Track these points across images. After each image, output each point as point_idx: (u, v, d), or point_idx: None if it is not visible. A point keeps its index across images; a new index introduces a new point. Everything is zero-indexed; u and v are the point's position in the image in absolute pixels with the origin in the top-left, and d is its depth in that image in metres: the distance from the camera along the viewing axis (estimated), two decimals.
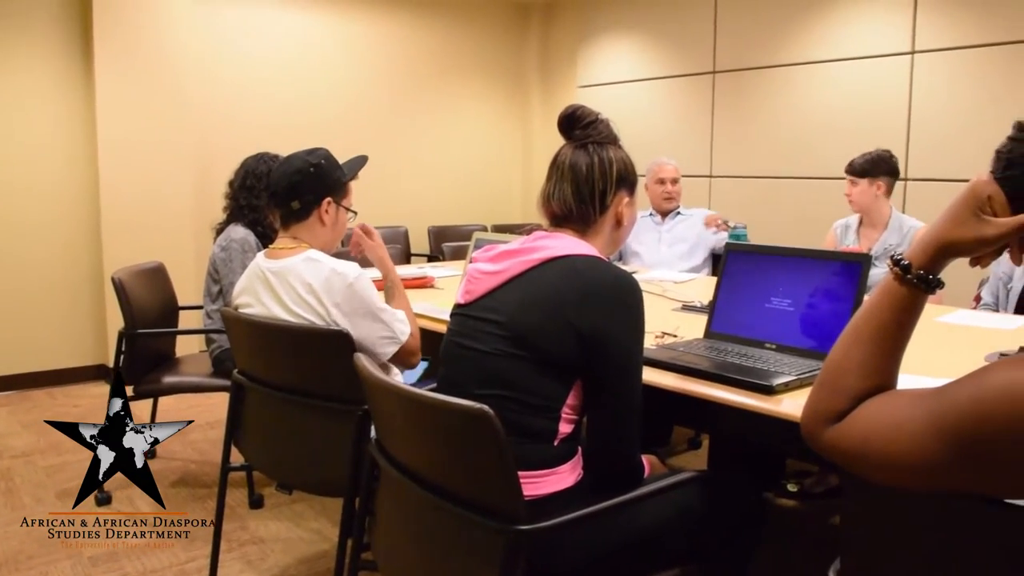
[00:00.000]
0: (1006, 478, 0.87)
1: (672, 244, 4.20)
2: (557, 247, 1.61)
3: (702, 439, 3.71)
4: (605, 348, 1.53)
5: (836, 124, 5.36)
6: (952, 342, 2.37)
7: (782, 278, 2.03)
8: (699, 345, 2.07)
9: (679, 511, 1.69)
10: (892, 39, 5.13)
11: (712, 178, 6.13)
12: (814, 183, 5.44)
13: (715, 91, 6.11)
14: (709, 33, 6.11)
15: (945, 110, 4.85)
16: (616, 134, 1.76)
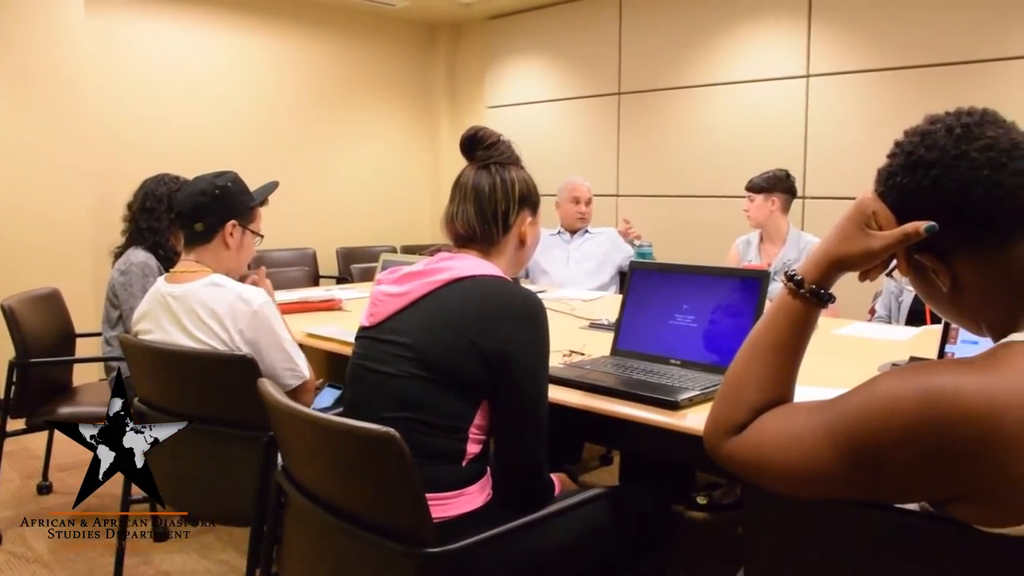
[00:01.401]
0: (895, 485, 0.91)
1: (580, 262, 4.25)
2: (461, 268, 1.62)
3: (613, 455, 3.75)
4: (510, 368, 1.54)
5: (737, 144, 5.53)
6: (848, 353, 2.46)
7: (685, 295, 2.07)
8: (605, 362, 2.10)
9: (590, 528, 1.70)
10: (788, 63, 5.33)
11: (619, 197, 6.24)
12: (718, 201, 5.59)
13: (621, 112, 6.23)
14: (614, 55, 6.23)
15: (839, 131, 5.05)
16: (518, 155, 1.78)
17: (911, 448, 0.87)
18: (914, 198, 0.99)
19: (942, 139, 0.96)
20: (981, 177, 0.93)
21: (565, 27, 6.58)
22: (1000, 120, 0.98)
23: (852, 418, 0.92)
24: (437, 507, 1.49)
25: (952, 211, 0.96)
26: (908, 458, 0.88)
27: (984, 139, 0.94)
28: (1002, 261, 0.97)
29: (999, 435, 0.83)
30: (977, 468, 0.85)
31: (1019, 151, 0.94)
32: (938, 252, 1.00)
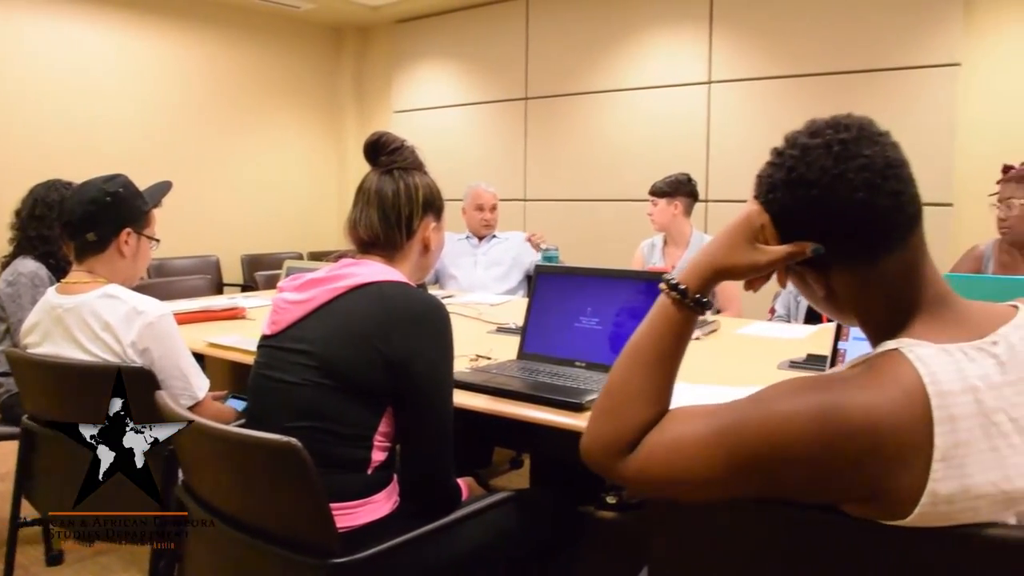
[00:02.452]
0: (789, 491, 0.95)
1: (488, 267, 4.26)
2: (364, 274, 1.60)
3: (523, 458, 3.77)
4: (414, 374, 1.53)
5: (642, 148, 5.64)
6: (750, 353, 2.53)
7: (590, 298, 2.10)
8: (512, 366, 2.11)
9: (497, 531, 1.70)
10: (691, 69, 5.46)
11: (526, 201, 6.29)
12: (623, 205, 5.68)
13: (528, 116, 6.28)
14: (521, 60, 6.28)
15: (739, 136, 5.20)
16: (421, 160, 1.77)
17: (805, 462, 0.91)
18: (794, 214, 1.02)
19: (821, 157, 0.99)
20: (857, 199, 0.96)
21: (473, 31, 6.60)
22: (875, 134, 1.00)
23: (749, 434, 0.95)
24: (342, 516, 1.48)
25: (830, 229, 1.00)
26: (801, 470, 0.92)
27: (861, 158, 0.97)
28: (875, 275, 1.01)
29: (880, 445, 0.88)
30: (861, 477, 0.89)
31: (892, 170, 0.98)
32: (816, 265, 1.04)
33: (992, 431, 0.89)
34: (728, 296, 3.65)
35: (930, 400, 0.88)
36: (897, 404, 0.88)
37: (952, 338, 0.95)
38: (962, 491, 0.87)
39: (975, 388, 0.90)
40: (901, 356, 0.93)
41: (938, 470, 0.87)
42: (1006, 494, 0.89)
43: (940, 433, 0.87)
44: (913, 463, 0.87)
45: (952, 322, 0.99)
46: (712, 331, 2.86)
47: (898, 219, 0.98)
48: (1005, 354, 0.94)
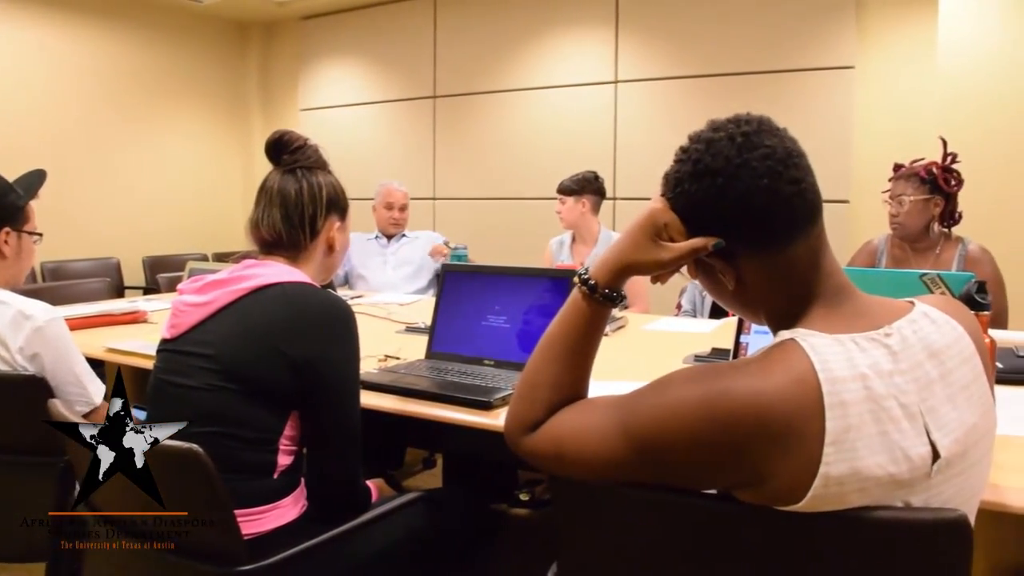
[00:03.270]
0: (681, 476, 0.98)
1: (398, 267, 4.23)
2: (267, 275, 1.57)
3: (436, 458, 3.76)
4: (319, 376, 1.51)
5: (550, 147, 5.69)
6: (657, 348, 2.58)
7: (497, 296, 2.11)
8: (420, 366, 2.10)
9: (409, 532, 1.69)
10: (598, 69, 5.54)
11: (436, 200, 6.27)
12: (532, 203, 5.72)
13: (436, 115, 6.26)
14: (429, 58, 6.26)
15: (645, 134, 5.30)
16: (325, 159, 1.75)
17: (693, 448, 0.94)
18: (702, 205, 1.05)
19: (726, 148, 1.02)
20: (761, 186, 1.00)
21: (380, 29, 6.55)
22: (775, 128, 1.05)
23: (643, 418, 0.98)
24: (248, 523, 1.45)
25: (736, 217, 1.03)
26: (691, 456, 0.95)
27: (763, 148, 1.01)
28: (781, 262, 1.04)
29: (765, 431, 0.91)
30: (750, 461, 0.92)
31: (793, 159, 1.02)
32: (724, 255, 1.07)
33: (882, 416, 0.93)
34: (635, 293, 3.71)
35: (821, 386, 0.92)
36: (786, 390, 0.92)
37: (848, 329, 0.99)
38: (852, 473, 0.91)
39: (864, 375, 0.94)
40: (795, 345, 0.97)
41: (830, 453, 0.90)
42: (893, 476, 0.93)
43: (831, 418, 0.91)
44: (804, 447, 0.91)
45: (849, 314, 1.03)
46: (620, 327, 2.91)
47: (800, 206, 1.02)
48: (898, 345, 0.98)
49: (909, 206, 2.95)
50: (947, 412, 0.98)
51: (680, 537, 1.04)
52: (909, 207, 2.95)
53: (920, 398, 0.96)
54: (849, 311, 1.04)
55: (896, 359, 0.97)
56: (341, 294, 3.70)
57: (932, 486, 0.96)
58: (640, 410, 0.98)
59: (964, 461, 0.99)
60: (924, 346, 1.00)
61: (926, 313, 1.05)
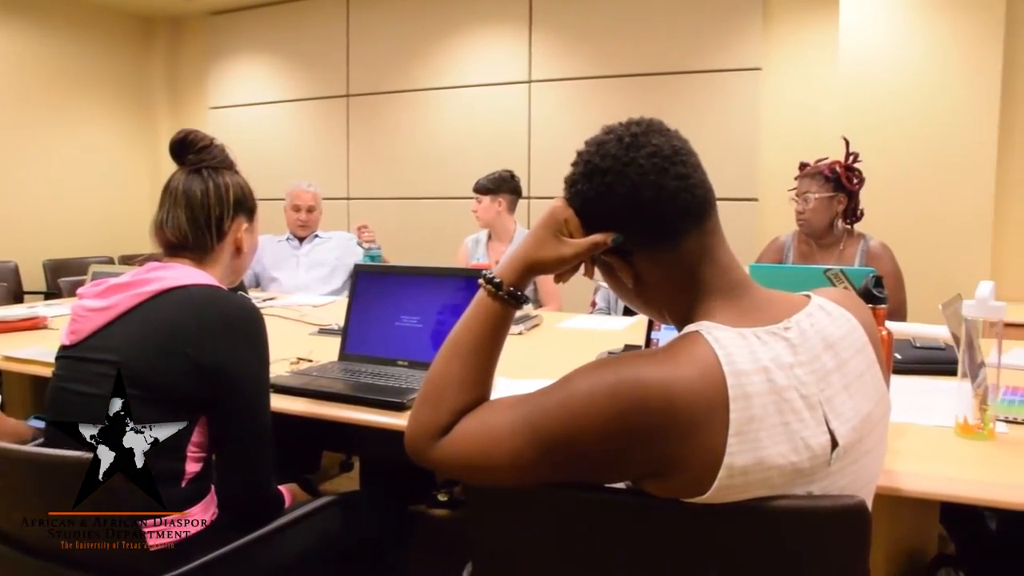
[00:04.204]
0: (591, 470, 0.99)
1: (311, 268, 4.17)
2: (172, 278, 1.53)
3: (353, 461, 3.72)
4: (228, 380, 1.48)
5: (465, 146, 5.69)
6: (571, 346, 2.60)
7: (410, 296, 2.10)
8: (333, 368, 2.08)
9: (324, 536, 1.67)
10: (512, 68, 5.56)
11: (350, 200, 6.20)
12: (448, 202, 5.71)
13: (350, 114, 6.20)
14: (342, 57, 6.18)
15: (560, 134, 5.34)
16: (232, 159, 1.72)
17: (602, 437, 0.94)
18: (593, 203, 1.08)
19: (614, 148, 1.06)
20: (648, 181, 1.03)
21: (291, 26, 6.44)
22: (664, 129, 1.08)
23: (551, 415, 0.98)
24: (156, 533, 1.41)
25: (626, 213, 1.05)
26: (600, 446, 0.95)
27: (649, 146, 1.04)
28: (675, 257, 1.07)
29: (673, 420, 0.92)
30: (658, 450, 0.94)
31: (679, 156, 1.05)
32: (621, 253, 1.09)
33: (784, 407, 0.96)
34: (549, 291, 3.74)
35: (726, 379, 0.94)
36: (693, 381, 0.93)
37: (748, 323, 1.02)
38: (756, 463, 0.93)
39: (766, 368, 0.97)
40: (700, 337, 0.99)
41: (733, 444, 0.93)
42: (794, 465, 0.96)
43: (735, 409, 0.93)
44: (710, 437, 0.93)
45: (749, 308, 1.06)
46: (534, 326, 2.93)
47: (689, 201, 1.05)
48: (797, 338, 1.02)
49: (814, 203, 3.04)
50: (844, 401, 1.02)
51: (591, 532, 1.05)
52: (814, 204, 3.04)
53: (819, 389, 1.00)
54: (749, 305, 1.06)
55: (795, 352, 1.00)
56: (253, 296, 3.64)
57: (832, 474, 0.99)
58: (548, 407, 0.99)
59: (861, 448, 1.03)
60: (821, 338, 1.03)
61: (822, 306, 1.09)
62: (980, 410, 1.60)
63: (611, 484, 1.02)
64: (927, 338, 2.33)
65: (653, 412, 0.92)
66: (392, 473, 2.88)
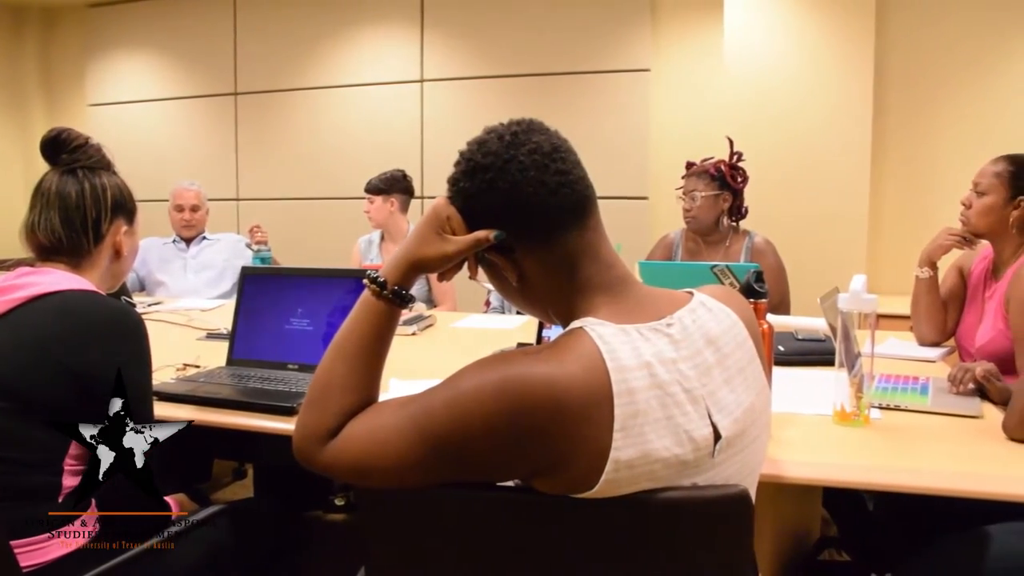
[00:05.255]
0: (480, 469, 0.99)
1: (199, 271, 4.05)
2: (46, 283, 1.46)
3: (247, 468, 3.63)
4: (106, 389, 1.42)
5: (358, 146, 5.61)
6: (465, 345, 2.60)
7: (299, 298, 2.06)
8: (221, 373, 2.02)
9: (214, 547, 1.63)
10: (404, 68, 5.51)
11: (239, 201, 6.04)
12: (340, 203, 5.63)
13: (238, 113, 6.03)
14: (229, 54, 6.01)
15: (452, 133, 5.30)
16: (110, 159, 1.65)
17: (489, 436, 0.94)
18: (475, 200, 1.08)
19: (495, 145, 1.07)
20: (529, 177, 1.04)
21: (176, 21, 6.22)
22: (544, 128, 1.10)
23: (438, 415, 0.98)
24: (29, 553, 1.34)
25: (508, 209, 1.06)
26: (487, 445, 0.95)
27: (530, 144, 1.06)
28: (557, 253, 1.08)
29: (559, 417, 0.93)
30: (545, 447, 0.94)
31: (559, 153, 1.07)
32: (504, 251, 1.10)
33: (667, 401, 0.98)
34: (443, 291, 3.74)
35: (610, 375, 0.95)
36: (578, 377, 0.94)
37: (632, 319, 1.04)
38: (642, 457, 0.95)
39: (649, 364, 0.98)
40: (584, 334, 1.00)
41: (619, 439, 0.94)
42: (678, 458, 0.98)
43: (619, 404, 0.95)
44: (596, 433, 0.94)
45: (633, 305, 1.08)
46: (428, 326, 2.92)
47: (568, 197, 1.06)
48: (679, 334, 1.04)
49: (701, 201, 3.13)
50: (726, 395, 1.05)
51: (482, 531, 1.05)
52: (701, 202, 3.13)
53: (701, 383, 1.02)
54: (632, 302, 1.08)
55: (678, 347, 1.02)
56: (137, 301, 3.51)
57: (715, 465, 1.02)
58: (435, 408, 0.98)
59: (743, 439, 1.06)
60: (702, 334, 1.06)
61: (703, 302, 1.11)
62: (856, 398, 1.67)
63: (500, 482, 1.02)
64: (808, 330, 2.43)
65: (539, 410, 0.93)
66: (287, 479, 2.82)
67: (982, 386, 1.89)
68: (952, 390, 1.92)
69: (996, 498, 1.40)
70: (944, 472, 1.46)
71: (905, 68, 4.49)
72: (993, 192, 2.31)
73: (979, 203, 2.34)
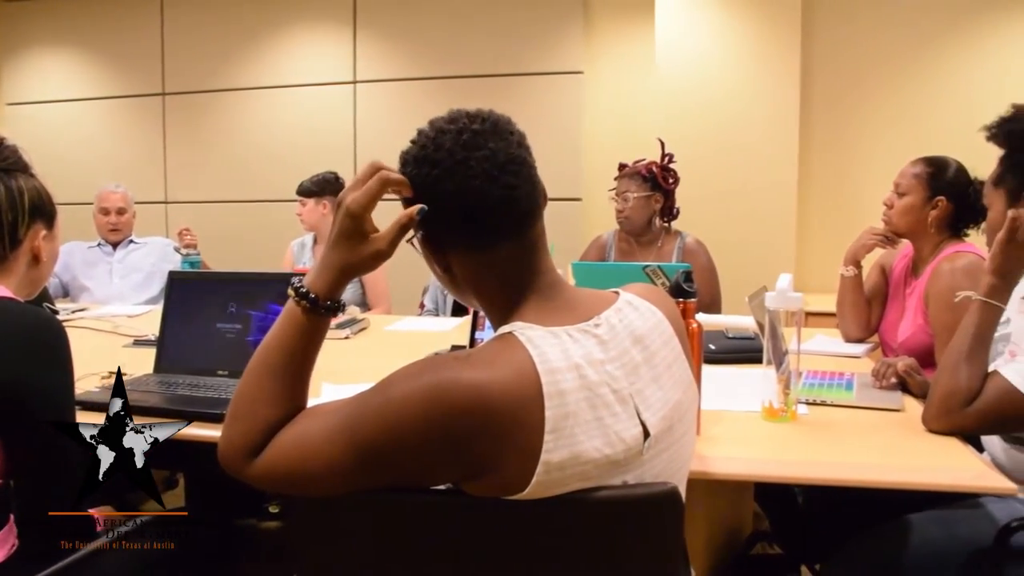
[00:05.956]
0: (413, 474, 0.98)
1: (125, 275, 3.95)
2: None
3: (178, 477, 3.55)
4: (23, 400, 1.36)
5: (290, 148, 5.54)
6: (399, 348, 2.59)
7: (229, 302, 2.02)
8: (148, 381, 1.98)
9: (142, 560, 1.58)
10: (336, 69, 5.47)
11: (168, 204, 5.91)
12: (272, 205, 5.55)
13: (166, 113, 5.90)
14: (156, 53, 5.88)
15: (386, 135, 5.30)
16: (27, 161, 1.59)
17: (421, 441, 0.94)
18: (417, 189, 1.06)
19: (450, 142, 1.03)
20: (474, 186, 1.02)
21: (99, 18, 6.05)
22: (507, 132, 1.06)
23: (368, 421, 0.97)
24: None
25: (445, 210, 1.04)
26: (419, 450, 0.95)
27: (485, 150, 1.02)
28: (488, 261, 1.07)
29: (490, 421, 0.93)
30: (477, 451, 0.94)
31: (512, 166, 1.04)
32: (435, 244, 1.09)
33: (597, 402, 0.99)
34: (377, 294, 3.71)
35: (540, 377, 0.95)
36: (508, 381, 0.94)
37: (561, 322, 1.04)
38: (572, 458, 0.96)
39: (579, 365, 0.99)
40: (514, 338, 1.00)
41: (549, 440, 0.94)
42: (609, 458, 0.98)
43: (550, 407, 0.95)
44: (526, 436, 0.94)
45: (562, 308, 1.08)
46: (362, 329, 2.89)
47: (510, 212, 1.05)
48: (607, 334, 1.05)
49: (633, 202, 3.16)
50: (653, 392, 1.06)
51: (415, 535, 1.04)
52: (633, 203, 3.16)
53: (629, 382, 1.03)
54: (561, 305, 1.08)
55: (606, 348, 1.03)
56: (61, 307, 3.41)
57: (645, 462, 1.03)
58: (364, 414, 0.97)
59: (671, 436, 1.08)
60: (629, 332, 1.07)
61: (629, 301, 1.12)
62: (784, 394, 1.71)
63: (432, 487, 1.01)
64: (739, 328, 2.47)
65: (470, 415, 0.92)
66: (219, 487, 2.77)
67: (904, 380, 1.95)
68: (875, 385, 1.98)
69: (917, 488, 1.45)
70: (868, 464, 1.50)
71: (831, 73, 4.62)
72: (913, 192, 2.38)
73: (900, 203, 2.41)
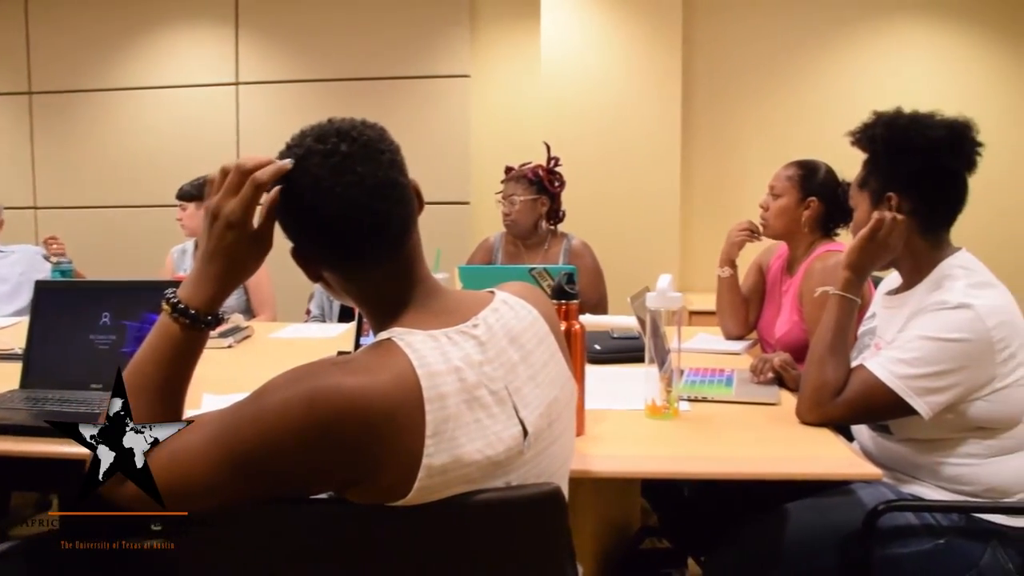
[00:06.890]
0: (292, 483, 0.97)
1: None
2: None
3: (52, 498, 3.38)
4: None
5: (170, 150, 5.37)
6: (284, 356, 2.53)
7: (102, 312, 1.93)
8: (13, 397, 1.87)
9: None
10: (218, 70, 5.34)
11: (37, 210, 5.62)
12: (150, 211, 5.36)
13: (33, 114, 5.62)
14: (21, 49, 5.58)
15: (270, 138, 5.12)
16: None
17: (300, 450, 0.92)
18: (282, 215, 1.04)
19: (316, 166, 1.00)
20: (341, 214, 0.99)
21: None
22: (378, 152, 1.02)
23: (245, 430, 0.94)
24: None
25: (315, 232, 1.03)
26: (298, 459, 0.93)
27: (354, 175, 0.99)
28: (363, 278, 1.07)
29: (371, 427, 0.92)
30: (357, 458, 0.93)
31: (381, 191, 1.01)
32: (305, 258, 1.07)
33: (475, 404, 0.99)
34: (262, 300, 3.63)
35: (420, 381, 0.95)
36: (388, 386, 0.94)
37: (440, 325, 1.04)
38: (454, 461, 0.96)
39: (458, 368, 0.99)
40: (393, 344, 0.99)
41: (431, 444, 0.94)
42: (490, 459, 0.99)
43: (430, 411, 0.95)
44: (407, 441, 0.94)
45: (441, 311, 1.08)
46: (245, 337, 2.82)
47: (382, 236, 1.03)
48: (484, 335, 1.05)
49: (519, 205, 3.19)
50: (531, 391, 1.07)
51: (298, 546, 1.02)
52: (519, 206, 3.19)
53: (507, 382, 1.04)
54: (440, 308, 1.08)
55: (484, 349, 1.04)
56: None
57: (527, 462, 1.04)
58: (241, 424, 0.95)
59: (551, 434, 1.09)
60: (506, 332, 1.08)
61: (505, 300, 1.14)
62: (666, 392, 1.75)
63: (313, 496, 0.99)
64: (623, 329, 2.52)
65: (350, 421, 0.91)
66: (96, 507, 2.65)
67: (780, 375, 2.03)
68: (754, 380, 2.05)
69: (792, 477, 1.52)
70: (747, 457, 1.56)
71: (711, 77, 4.80)
72: (786, 194, 2.49)
73: (775, 205, 2.52)
